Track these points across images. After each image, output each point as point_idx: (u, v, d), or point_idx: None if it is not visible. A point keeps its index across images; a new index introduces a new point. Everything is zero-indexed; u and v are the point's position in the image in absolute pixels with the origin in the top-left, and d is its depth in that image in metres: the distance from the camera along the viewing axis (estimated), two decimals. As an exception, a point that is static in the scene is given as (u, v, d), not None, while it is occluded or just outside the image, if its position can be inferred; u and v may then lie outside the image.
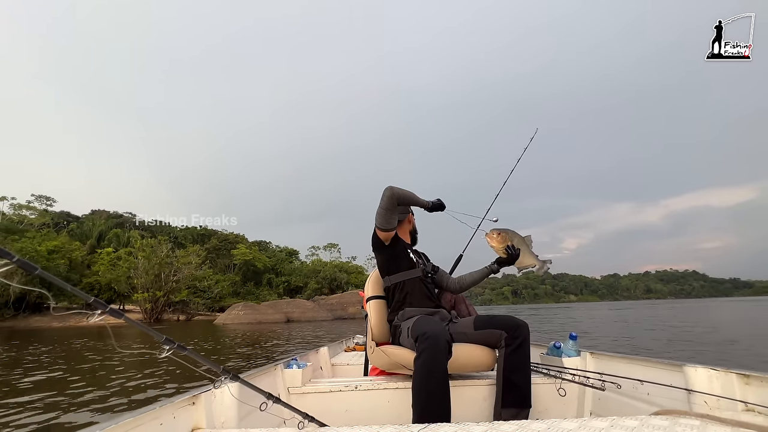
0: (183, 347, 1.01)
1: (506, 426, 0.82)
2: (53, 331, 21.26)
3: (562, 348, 1.98)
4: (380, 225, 1.86)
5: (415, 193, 1.88)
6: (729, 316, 19.86)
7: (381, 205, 1.81)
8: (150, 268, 30.56)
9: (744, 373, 1.24)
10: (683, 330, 12.05)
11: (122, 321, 0.94)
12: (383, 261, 2.02)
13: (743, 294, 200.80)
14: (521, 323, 1.66)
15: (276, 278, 53.25)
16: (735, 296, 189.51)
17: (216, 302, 39.06)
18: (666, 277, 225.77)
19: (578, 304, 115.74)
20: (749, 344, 8.33)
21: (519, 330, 1.64)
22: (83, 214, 54.63)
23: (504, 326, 1.67)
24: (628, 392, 1.58)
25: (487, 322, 1.74)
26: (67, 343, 12.90)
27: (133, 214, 58.64)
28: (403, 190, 1.81)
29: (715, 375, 1.31)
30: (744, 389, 1.24)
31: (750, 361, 6.33)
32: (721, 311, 26.01)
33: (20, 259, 0.68)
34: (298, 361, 2.02)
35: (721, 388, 1.28)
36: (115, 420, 0.95)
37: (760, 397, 1.19)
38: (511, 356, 1.61)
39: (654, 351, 7.70)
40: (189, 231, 58.43)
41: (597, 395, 1.74)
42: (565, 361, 1.90)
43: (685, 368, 1.38)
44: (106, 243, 39.62)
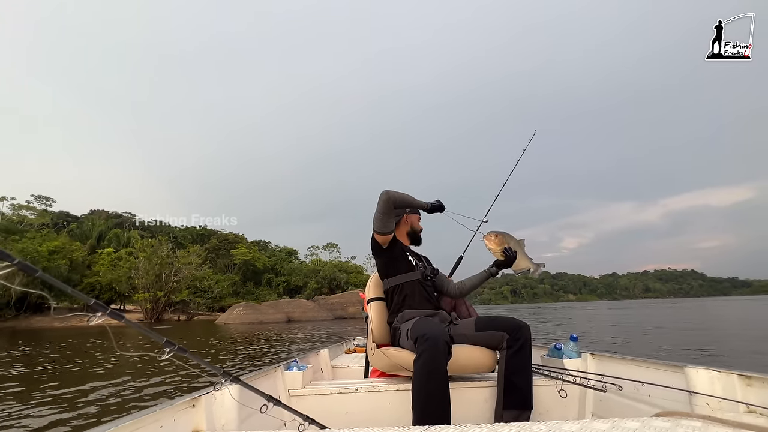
0: (183, 349, 1.00)
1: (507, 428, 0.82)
2: (54, 332, 21.28)
3: (563, 349, 1.98)
4: (377, 229, 1.87)
5: (412, 196, 1.86)
6: (731, 315, 19.99)
7: (378, 210, 1.81)
8: (150, 268, 30.60)
9: (746, 375, 1.24)
10: (683, 331, 12.09)
11: (122, 323, 0.94)
12: (382, 264, 2.03)
13: (741, 293, 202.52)
14: (522, 325, 1.66)
15: (276, 278, 53.23)
16: (733, 295, 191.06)
17: (216, 302, 39.14)
18: (665, 276, 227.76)
19: (577, 303, 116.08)
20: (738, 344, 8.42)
21: (520, 332, 1.63)
22: (82, 214, 54.32)
23: (505, 328, 1.67)
24: (630, 394, 1.57)
25: (488, 323, 1.74)
26: (70, 342, 12.93)
27: (132, 214, 58.41)
28: (399, 193, 1.80)
29: (717, 376, 1.30)
30: (746, 390, 1.23)
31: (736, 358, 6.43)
32: (721, 311, 26.10)
33: (21, 261, 0.68)
34: (298, 363, 2.01)
35: (723, 389, 1.27)
36: (115, 423, 0.95)
37: (761, 398, 1.19)
38: (513, 358, 1.61)
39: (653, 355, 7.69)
40: (188, 231, 58.28)
41: (598, 397, 1.74)
42: (566, 362, 1.90)
43: (686, 369, 1.38)
44: (106, 243, 39.46)
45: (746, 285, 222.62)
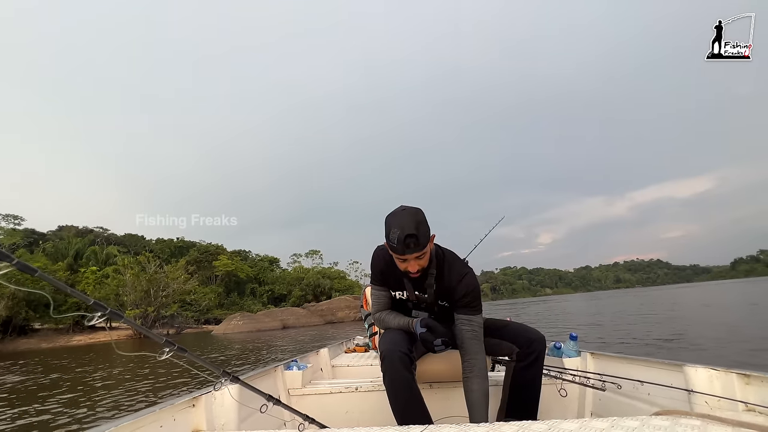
0: (183, 349, 1.01)
1: (507, 427, 0.82)
2: (42, 353, 19.89)
3: (563, 348, 1.98)
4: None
5: (397, 320, 1.57)
6: (691, 302, 21.97)
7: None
8: (139, 284, 30.73)
9: (745, 373, 1.24)
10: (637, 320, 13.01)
11: (122, 324, 0.95)
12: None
13: (702, 279, 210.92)
14: (535, 338, 1.48)
15: (259, 287, 52.72)
16: (695, 281, 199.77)
17: (203, 314, 39.50)
18: (633, 266, 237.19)
19: (554, 296, 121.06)
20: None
21: (533, 346, 1.47)
22: (49, 230, 50.65)
23: (516, 340, 1.52)
24: (629, 392, 1.57)
25: (498, 331, 1.61)
26: (63, 365, 11.39)
27: (104, 228, 55.82)
28: (381, 323, 1.62)
29: (716, 375, 1.30)
30: (745, 389, 1.23)
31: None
32: (682, 298, 27.91)
33: (20, 261, 0.69)
34: (298, 362, 2.02)
35: (722, 388, 1.27)
36: (115, 422, 0.95)
37: (760, 397, 1.19)
38: (523, 372, 1.48)
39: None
40: (166, 244, 56.90)
41: (597, 396, 1.74)
42: (566, 361, 1.90)
43: (685, 368, 1.38)
44: (84, 261, 37.72)
45: (706, 271, 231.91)
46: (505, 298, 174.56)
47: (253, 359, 10.00)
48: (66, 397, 5.78)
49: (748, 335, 7.78)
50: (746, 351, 6.15)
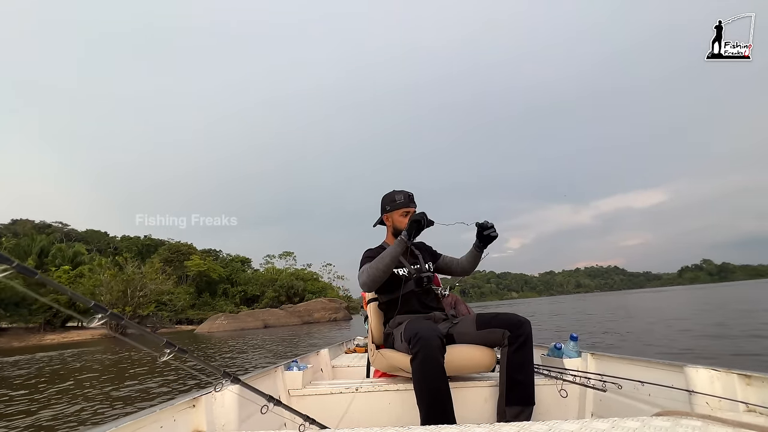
0: (183, 350, 1.01)
1: (507, 428, 0.82)
2: (18, 351, 19.35)
3: (563, 349, 1.98)
4: (363, 289, 1.87)
5: (386, 250, 1.74)
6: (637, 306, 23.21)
7: (361, 284, 1.80)
8: (116, 284, 30.55)
9: (745, 374, 1.24)
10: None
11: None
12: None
13: (653, 285, 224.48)
14: (523, 321, 1.64)
15: (231, 288, 52.03)
16: (647, 287, 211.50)
17: (177, 314, 39.68)
18: (593, 272, 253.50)
19: (519, 300, 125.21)
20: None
21: (521, 328, 1.62)
22: (1, 224, 47.96)
23: (506, 324, 1.66)
24: (630, 393, 1.57)
25: (489, 321, 1.73)
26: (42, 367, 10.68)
27: (64, 223, 53.34)
28: (372, 268, 1.73)
29: (717, 375, 1.30)
30: (746, 390, 1.23)
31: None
32: (633, 302, 29.43)
33: (20, 264, 0.69)
34: (298, 363, 2.02)
35: (723, 388, 1.27)
36: (115, 423, 0.95)
37: (761, 397, 1.19)
38: (515, 354, 1.60)
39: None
40: (132, 241, 54.67)
41: (598, 396, 1.74)
42: (566, 362, 1.90)
43: (686, 369, 1.38)
44: (50, 259, 36.57)
45: (657, 278, 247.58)
46: (474, 300, 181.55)
47: (257, 356, 10.24)
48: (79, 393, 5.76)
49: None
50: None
